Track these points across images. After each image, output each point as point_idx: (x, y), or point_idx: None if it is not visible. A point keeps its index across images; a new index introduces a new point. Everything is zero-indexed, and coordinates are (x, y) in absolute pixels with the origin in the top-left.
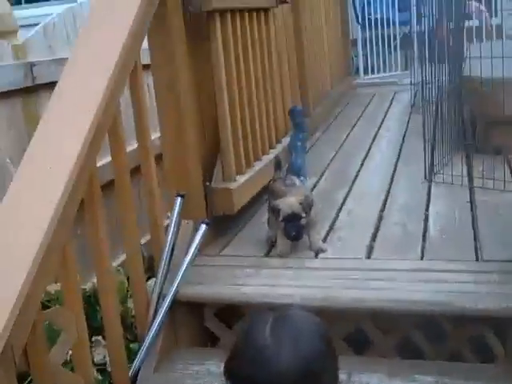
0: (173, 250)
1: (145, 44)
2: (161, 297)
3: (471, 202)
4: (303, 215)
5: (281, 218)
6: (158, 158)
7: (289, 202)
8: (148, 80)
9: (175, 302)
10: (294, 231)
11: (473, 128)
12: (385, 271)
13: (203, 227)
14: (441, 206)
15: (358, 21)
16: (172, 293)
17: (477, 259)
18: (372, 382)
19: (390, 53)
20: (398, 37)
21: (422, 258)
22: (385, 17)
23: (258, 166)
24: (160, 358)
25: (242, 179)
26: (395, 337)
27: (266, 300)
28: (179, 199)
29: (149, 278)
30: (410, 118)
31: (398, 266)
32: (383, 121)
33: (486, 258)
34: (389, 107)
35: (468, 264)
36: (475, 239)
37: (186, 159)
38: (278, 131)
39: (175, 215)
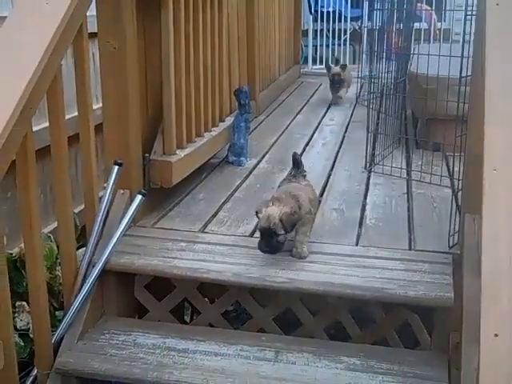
0: (106, 218)
1: (93, 11)
2: (90, 265)
3: (408, 193)
4: (280, 232)
5: (258, 227)
6: (99, 128)
7: (269, 213)
8: (94, 49)
9: (105, 272)
10: (266, 247)
11: (414, 123)
12: (320, 254)
13: (139, 198)
14: (378, 196)
15: (310, 12)
16: (102, 262)
17: (410, 248)
18: (298, 361)
19: (339, 45)
20: (348, 31)
21: (357, 244)
22: (337, 11)
23: (199, 142)
24: (85, 327)
25: (182, 153)
26: (325, 319)
27: (197, 275)
28: (116, 168)
29: (81, 247)
30: (354, 110)
31: (333, 250)
32: (328, 110)
33: (418, 247)
34: None
35: (401, 252)
36: (409, 229)
37: (126, 129)
38: (223, 110)
39: (111, 183)
